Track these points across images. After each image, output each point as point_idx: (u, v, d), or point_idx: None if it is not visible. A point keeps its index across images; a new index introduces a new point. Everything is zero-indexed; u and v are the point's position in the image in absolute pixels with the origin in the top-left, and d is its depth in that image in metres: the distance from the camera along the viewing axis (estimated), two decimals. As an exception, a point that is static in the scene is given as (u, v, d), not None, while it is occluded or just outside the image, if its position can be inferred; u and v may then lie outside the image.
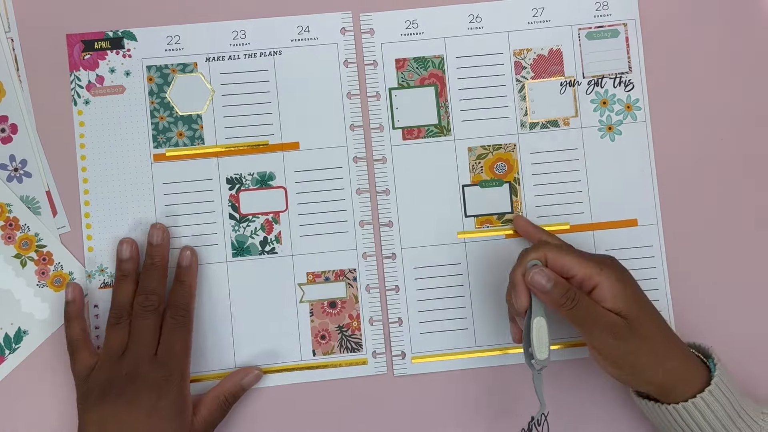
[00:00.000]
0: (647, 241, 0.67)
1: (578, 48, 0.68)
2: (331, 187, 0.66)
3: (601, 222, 0.67)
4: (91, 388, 0.59)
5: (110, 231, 0.65)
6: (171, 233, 0.65)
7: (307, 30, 0.67)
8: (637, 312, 0.56)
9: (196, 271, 0.64)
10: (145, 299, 0.61)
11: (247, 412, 0.65)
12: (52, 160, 0.65)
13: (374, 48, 0.67)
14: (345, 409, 0.65)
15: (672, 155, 0.67)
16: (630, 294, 0.56)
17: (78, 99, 0.65)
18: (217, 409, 0.61)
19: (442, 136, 0.67)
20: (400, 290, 0.66)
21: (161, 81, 0.66)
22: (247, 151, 0.66)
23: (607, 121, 0.67)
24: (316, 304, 0.66)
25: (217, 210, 0.66)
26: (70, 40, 0.66)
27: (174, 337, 0.60)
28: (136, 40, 0.66)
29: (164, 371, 0.59)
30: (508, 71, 0.67)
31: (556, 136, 0.67)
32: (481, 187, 0.67)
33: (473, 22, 0.67)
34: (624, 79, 0.68)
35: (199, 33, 0.66)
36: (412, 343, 0.66)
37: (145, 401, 0.58)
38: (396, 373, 0.65)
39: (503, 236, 0.66)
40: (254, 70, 0.66)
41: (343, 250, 0.66)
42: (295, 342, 0.65)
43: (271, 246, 0.66)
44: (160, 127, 0.66)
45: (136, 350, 0.59)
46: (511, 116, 0.67)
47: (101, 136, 0.65)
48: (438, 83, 0.67)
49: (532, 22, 0.68)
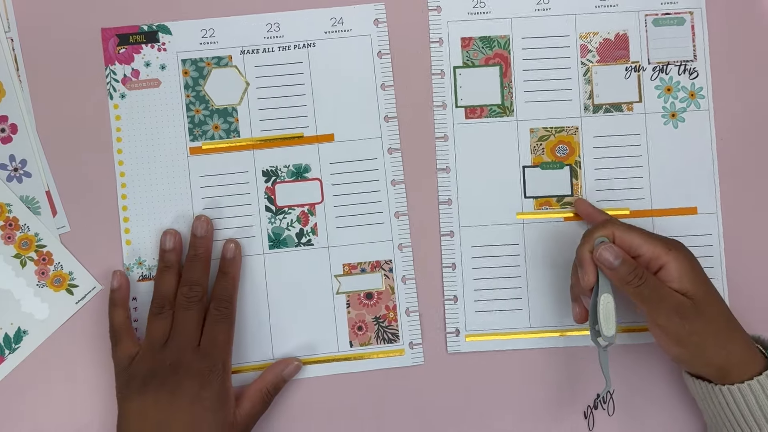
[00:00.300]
0: (706, 230, 0.67)
1: (644, 34, 0.67)
2: (367, 178, 0.66)
3: (660, 209, 0.67)
4: (132, 376, 0.59)
5: (148, 224, 0.65)
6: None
7: (341, 22, 0.67)
8: (704, 294, 0.56)
9: (239, 264, 0.64)
10: (189, 290, 0.61)
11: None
12: (53, 161, 0.65)
13: (440, 26, 0.67)
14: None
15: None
16: (697, 276, 0.56)
17: (114, 93, 0.66)
18: (260, 401, 0.62)
19: (504, 116, 0.67)
20: (457, 268, 0.66)
21: (196, 74, 0.66)
22: (283, 144, 0.66)
23: (671, 108, 0.67)
24: (352, 295, 0.66)
25: (254, 202, 0.66)
26: (105, 34, 0.66)
27: (217, 329, 0.61)
28: (171, 34, 0.66)
29: (208, 362, 0.59)
30: (574, 54, 0.67)
31: (619, 121, 0.67)
32: (541, 168, 0.67)
33: (540, 3, 0.67)
34: (689, 67, 0.67)
35: (234, 26, 0.66)
36: (467, 321, 0.66)
37: (188, 391, 0.58)
38: (450, 350, 0.66)
39: (562, 219, 0.66)
40: (288, 62, 0.66)
41: (379, 241, 0.66)
42: (332, 333, 0.66)
43: (307, 238, 0.66)
44: (196, 120, 0.66)
45: (180, 340, 0.60)
46: (574, 99, 0.67)
47: (138, 130, 0.66)
48: (503, 63, 0.67)
49: (599, 6, 0.67)
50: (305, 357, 0.65)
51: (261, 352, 0.65)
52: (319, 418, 0.65)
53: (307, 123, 0.66)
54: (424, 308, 0.66)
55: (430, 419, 0.65)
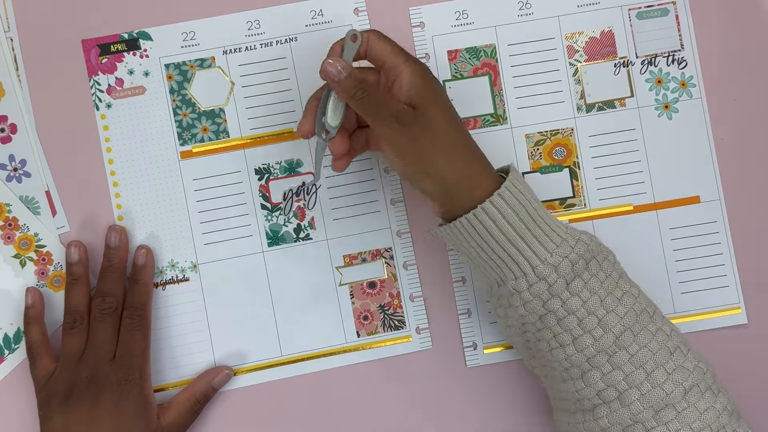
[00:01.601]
0: (711, 218, 0.67)
1: (629, 28, 0.67)
2: (360, 168, 0.66)
3: (663, 201, 0.67)
4: (51, 394, 0.60)
5: (144, 231, 0.65)
6: (205, 228, 0.65)
7: (321, 14, 0.67)
8: (428, 105, 0.55)
9: (152, 270, 0.64)
10: (102, 302, 0.61)
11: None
12: (52, 161, 0.65)
13: (425, 41, 0.67)
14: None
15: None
16: (426, 88, 0.55)
17: (100, 104, 0.65)
18: (187, 410, 0.62)
19: (498, 125, 0.67)
20: (467, 281, 0.66)
21: (181, 78, 0.66)
22: (273, 140, 0.66)
23: (663, 100, 0.67)
24: (355, 285, 0.66)
25: (249, 201, 0.66)
26: (86, 45, 0.66)
27: (132, 338, 0.61)
28: (152, 40, 0.66)
29: (124, 372, 0.59)
30: (561, 56, 0.67)
31: (613, 118, 0.67)
32: (541, 173, 0.67)
33: (523, 9, 0.67)
34: (677, 57, 0.68)
35: (214, 27, 0.66)
36: (483, 333, 0.66)
37: (107, 403, 0.58)
38: (469, 364, 0.66)
39: (567, 222, 0.66)
40: (272, 58, 0.66)
41: (378, 229, 0.66)
42: (338, 325, 0.65)
43: (306, 232, 0.66)
44: (184, 124, 0.66)
45: (95, 353, 0.60)
46: (566, 100, 0.67)
47: (127, 139, 0.65)
48: (491, 72, 0.67)
49: (582, 5, 0.67)
50: (314, 351, 0.65)
51: (269, 352, 0.65)
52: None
53: (296, 118, 0.66)
54: (429, 292, 0.66)
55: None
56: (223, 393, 0.65)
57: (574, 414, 0.56)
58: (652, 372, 0.52)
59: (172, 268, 0.65)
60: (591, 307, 0.53)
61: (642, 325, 0.53)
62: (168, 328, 0.65)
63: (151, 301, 0.63)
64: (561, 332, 0.54)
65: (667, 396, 0.52)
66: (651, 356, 0.53)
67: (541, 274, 0.53)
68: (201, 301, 0.65)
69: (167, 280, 0.65)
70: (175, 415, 0.62)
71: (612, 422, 0.53)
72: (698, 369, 0.53)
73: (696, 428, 0.52)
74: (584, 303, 0.53)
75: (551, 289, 0.53)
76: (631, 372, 0.53)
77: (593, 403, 0.54)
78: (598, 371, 0.53)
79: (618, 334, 0.53)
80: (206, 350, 0.65)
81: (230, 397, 0.65)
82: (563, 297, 0.53)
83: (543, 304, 0.54)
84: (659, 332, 0.54)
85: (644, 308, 0.54)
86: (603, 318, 0.53)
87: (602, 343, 0.53)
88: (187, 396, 0.62)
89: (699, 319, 0.66)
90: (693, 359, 0.54)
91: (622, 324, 0.53)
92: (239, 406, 0.65)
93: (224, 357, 0.65)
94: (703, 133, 0.67)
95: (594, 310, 0.53)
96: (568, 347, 0.54)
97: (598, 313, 0.53)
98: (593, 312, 0.53)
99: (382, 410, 0.65)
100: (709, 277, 0.67)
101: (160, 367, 0.64)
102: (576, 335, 0.53)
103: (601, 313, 0.53)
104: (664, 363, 0.53)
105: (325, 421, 0.65)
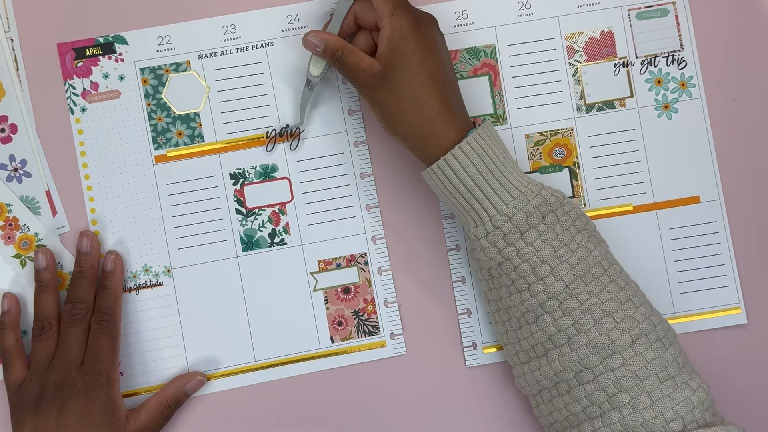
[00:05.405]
0: (710, 217, 0.67)
1: (629, 28, 0.68)
2: (335, 173, 0.66)
3: (663, 201, 0.67)
4: (22, 400, 0.60)
5: (117, 235, 0.65)
6: (179, 233, 0.65)
7: (297, 19, 0.67)
8: (395, 66, 0.58)
9: (121, 276, 0.64)
10: (72, 307, 0.61)
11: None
12: (52, 160, 0.65)
13: None
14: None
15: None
16: (396, 51, 0.58)
17: (74, 107, 0.65)
18: (158, 414, 0.62)
19: (498, 125, 0.67)
20: (467, 282, 0.66)
21: (156, 82, 0.66)
22: (248, 145, 0.66)
23: (663, 100, 0.67)
24: (330, 291, 0.66)
25: (223, 206, 0.66)
26: (62, 49, 0.65)
27: (100, 343, 0.61)
28: (127, 44, 0.66)
29: (91, 377, 0.60)
30: (561, 56, 0.67)
31: (612, 118, 0.67)
32: (541, 173, 0.67)
33: (522, 9, 0.67)
34: (677, 57, 0.68)
35: (190, 31, 0.66)
36: (482, 333, 0.66)
37: (74, 408, 0.59)
38: (468, 364, 0.66)
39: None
40: (247, 63, 0.66)
41: (352, 235, 0.66)
42: (312, 331, 0.65)
43: (280, 237, 0.66)
44: (159, 128, 0.66)
45: (64, 359, 0.60)
46: (566, 101, 0.67)
47: (101, 143, 0.65)
48: (491, 72, 0.67)
49: (581, 6, 0.68)
50: (287, 356, 0.65)
51: (242, 357, 0.65)
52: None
53: (271, 123, 0.66)
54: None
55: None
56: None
57: (529, 363, 0.59)
58: (601, 320, 0.55)
59: (145, 272, 0.65)
60: (544, 256, 0.56)
61: (594, 276, 0.56)
62: (141, 332, 0.65)
63: (121, 307, 0.63)
64: (517, 278, 0.57)
65: (612, 343, 0.54)
66: (599, 305, 0.55)
67: (497, 223, 0.56)
68: (174, 306, 0.65)
69: (140, 285, 0.65)
70: (146, 418, 0.62)
71: (563, 365, 0.55)
72: (648, 321, 0.55)
73: (642, 375, 0.54)
74: (537, 252, 0.56)
75: (506, 238, 0.56)
76: (580, 318, 0.55)
77: (546, 347, 0.57)
78: (549, 316, 0.56)
79: (568, 282, 0.55)
80: (179, 355, 0.65)
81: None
82: (518, 246, 0.56)
83: (499, 252, 0.57)
84: (612, 284, 0.56)
85: (598, 261, 0.56)
86: (555, 267, 0.55)
87: (553, 289, 0.55)
88: (158, 399, 0.62)
89: (699, 319, 0.67)
90: (645, 312, 0.56)
91: (572, 273, 0.55)
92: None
93: (197, 362, 0.65)
94: (702, 133, 0.67)
95: (547, 259, 0.56)
96: (524, 292, 0.57)
97: (551, 262, 0.56)
98: (546, 261, 0.56)
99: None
100: (708, 277, 0.67)
101: (132, 371, 0.64)
102: (530, 282, 0.56)
103: (554, 263, 0.56)
104: (612, 312, 0.55)
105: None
